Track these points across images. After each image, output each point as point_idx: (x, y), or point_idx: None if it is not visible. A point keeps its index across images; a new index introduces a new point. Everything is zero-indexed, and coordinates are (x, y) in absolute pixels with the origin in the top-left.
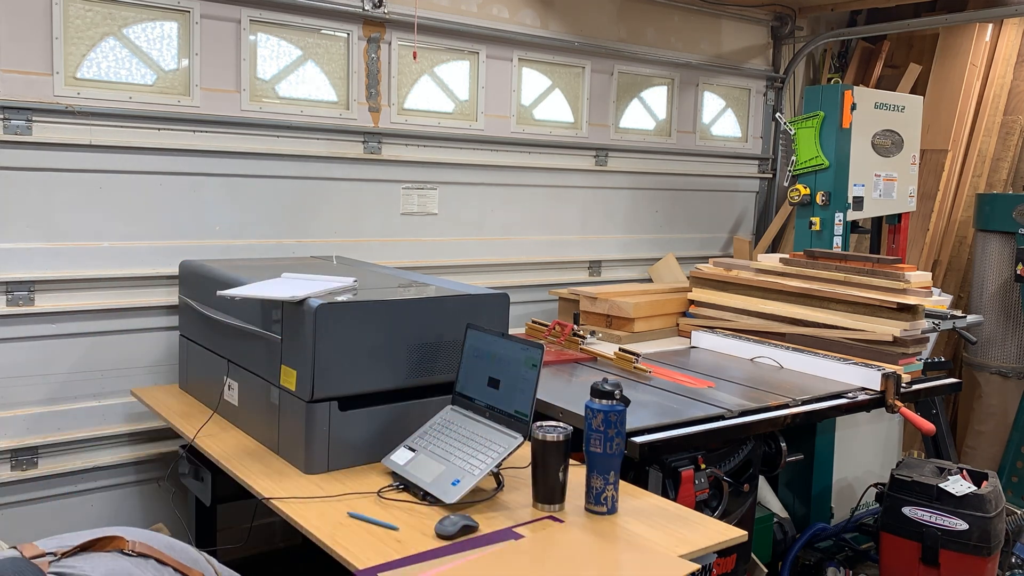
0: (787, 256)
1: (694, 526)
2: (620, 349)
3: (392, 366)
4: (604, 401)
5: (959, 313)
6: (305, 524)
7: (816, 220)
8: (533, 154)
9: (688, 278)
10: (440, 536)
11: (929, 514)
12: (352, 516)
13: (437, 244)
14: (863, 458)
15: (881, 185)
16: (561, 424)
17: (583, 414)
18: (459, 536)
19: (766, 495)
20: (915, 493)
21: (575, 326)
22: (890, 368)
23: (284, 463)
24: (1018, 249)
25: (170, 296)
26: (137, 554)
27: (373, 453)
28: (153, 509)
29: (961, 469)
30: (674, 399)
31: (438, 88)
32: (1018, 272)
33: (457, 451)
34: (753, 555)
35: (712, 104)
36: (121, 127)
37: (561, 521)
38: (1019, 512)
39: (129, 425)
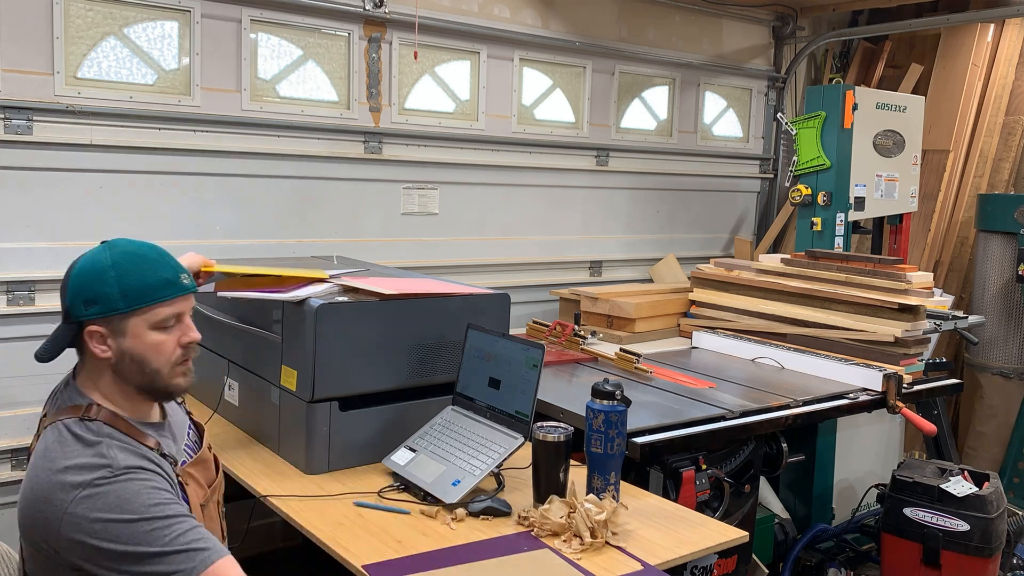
0: (788, 256)
1: (695, 527)
2: (621, 349)
3: (393, 366)
4: (605, 401)
5: (960, 314)
6: (305, 524)
7: (817, 220)
8: (534, 154)
9: (689, 278)
10: (470, 514)
11: (930, 515)
12: (359, 504)
13: (438, 244)
14: (864, 459)
15: (882, 185)
16: (562, 424)
17: (584, 414)
18: (482, 516)
19: (767, 496)
20: (916, 494)
21: (576, 326)
22: (891, 369)
23: (284, 463)
24: (1019, 250)
25: None
26: None
27: (374, 453)
28: None
29: (962, 470)
30: (675, 399)
31: (439, 88)
32: (1020, 273)
33: (458, 451)
34: (754, 556)
35: (713, 104)
36: (121, 127)
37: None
38: (1020, 513)
39: None
